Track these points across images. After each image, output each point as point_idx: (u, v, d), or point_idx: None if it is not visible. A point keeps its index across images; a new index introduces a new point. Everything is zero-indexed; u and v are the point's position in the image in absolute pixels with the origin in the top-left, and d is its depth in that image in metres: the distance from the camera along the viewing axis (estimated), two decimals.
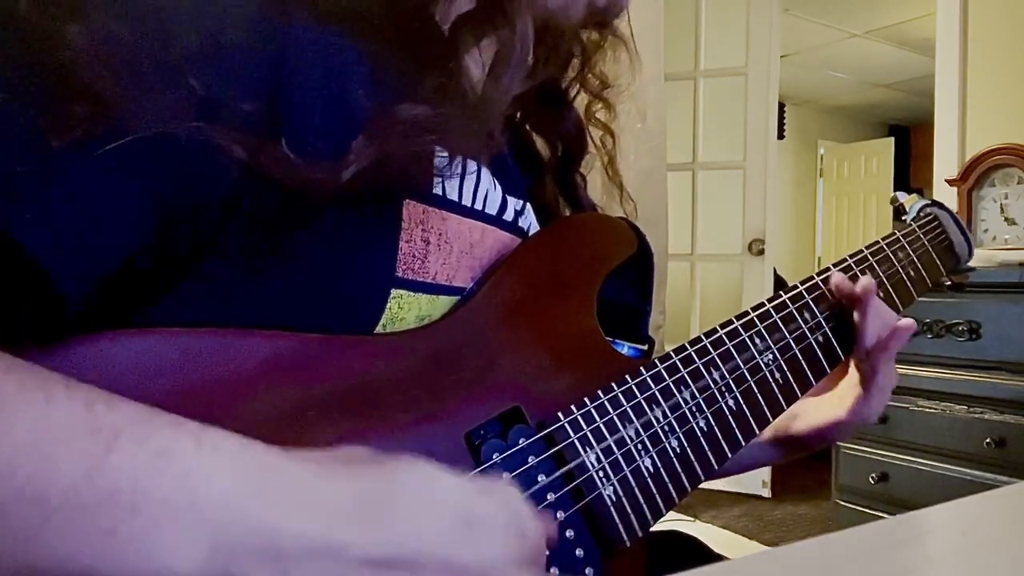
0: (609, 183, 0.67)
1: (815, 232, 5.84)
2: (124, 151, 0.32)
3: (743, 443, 0.53)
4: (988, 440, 1.63)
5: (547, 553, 0.38)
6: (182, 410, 0.31)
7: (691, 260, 3.11)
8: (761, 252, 2.99)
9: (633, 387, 0.49)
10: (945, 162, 2.25)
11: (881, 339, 0.61)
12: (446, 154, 0.43)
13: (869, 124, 6.04)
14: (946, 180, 2.05)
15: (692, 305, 3.10)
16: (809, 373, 0.58)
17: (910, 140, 5.83)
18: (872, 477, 1.86)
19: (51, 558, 0.26)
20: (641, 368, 0.50)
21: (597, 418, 0.46)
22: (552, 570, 0.41)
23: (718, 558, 0.61)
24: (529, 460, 0.43)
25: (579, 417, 0.46)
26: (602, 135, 0.66)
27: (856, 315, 0.61)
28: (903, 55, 4.50)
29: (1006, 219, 1.89)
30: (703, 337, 0.53)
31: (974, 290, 1.68)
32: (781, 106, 5.00)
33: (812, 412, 0.66)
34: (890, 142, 5.71)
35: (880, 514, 1.84)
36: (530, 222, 0.56)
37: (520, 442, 0.43)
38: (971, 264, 0.79)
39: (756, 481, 2.93)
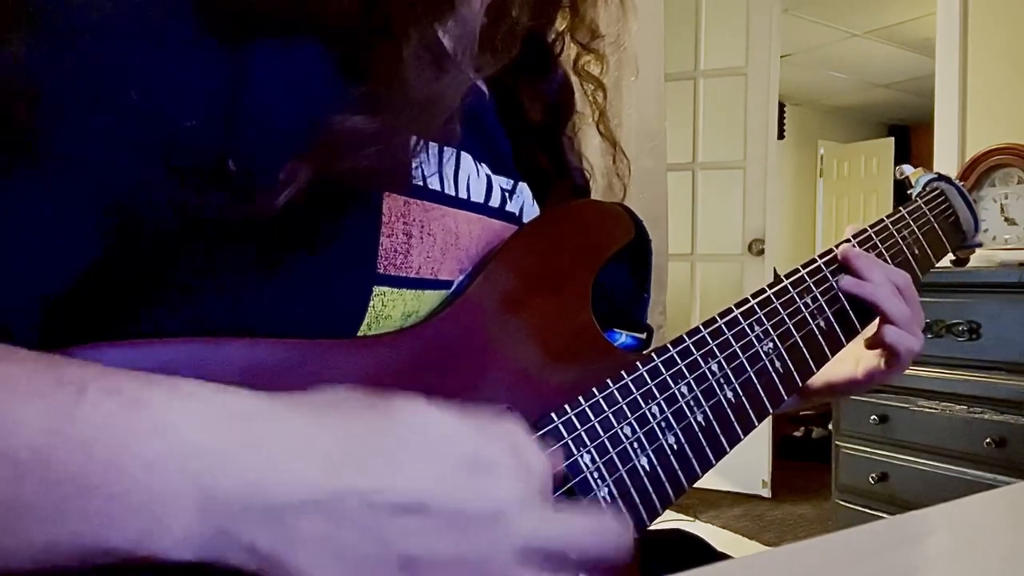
0: (602, 141, 0.65)
1: (815, 232, 5.84)
2: (54, 176, 0.31)
3: (742, 436, 0.52)
4: (988, 440, 1.63)
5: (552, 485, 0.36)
6: None
7: (691, 260, 3.11)
8: (761, 252, 2.99)
9: (629, 383, 0.47)
10: (945, 162, 2.25)
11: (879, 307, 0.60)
12: (420, 143, 0.41)
13: (869, 124, 6.04)
14: None
15: (692, 305, 3.10)
16: (811, 360, 0.57)
17: (910, 140, 5.82)
18: (872, 477, 1.86)
19: (32, 520, 0.25)
20: (637, 363, 0.48)
21: (592, 417, 0.45)
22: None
23: (721, 556, 0.61)
24: None
25: (573, 417, 0.45)
26: (593, 89, 0.64)
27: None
28: (903, 55, 4.50)
29: (1006, 219, 1.89)
30: (701, 328, 0.52)
31: (974, 290, 1.68)
32: (781, 106, 5.00)
33: (851, 363, 0.66)
34: (890, 142, 5.71)
35: (880, 514, 1.84)
36: (522, 202, 0.54)
37: None
38: (977, 240, 0.76)
39: (756, 481, 2.92)
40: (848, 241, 0.63)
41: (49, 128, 0.31)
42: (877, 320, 0.62)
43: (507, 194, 0.52)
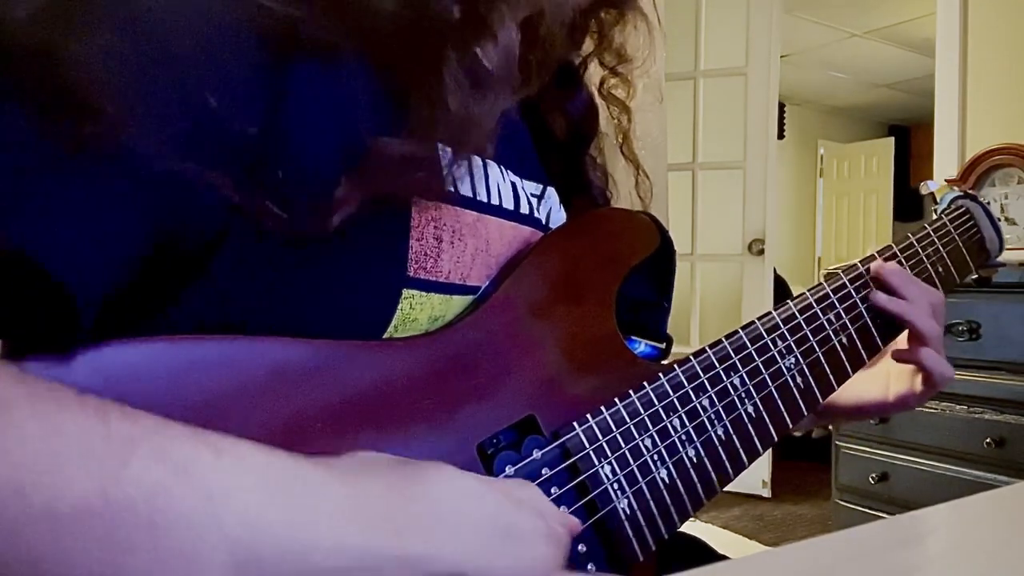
0: (625, 162, 0.65)
1: (815, 232, 5.84)
2: (125, 175, 0.32)
3: (761, 451, 0.52)
4: (988, 440, 1.63)
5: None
6: (190, 420, 0.30)
7: (691, 260, 3.11)
8: (761, 252, 2.99)
9: (651, 394, 0.47)
10: (945, 162, 2.25)
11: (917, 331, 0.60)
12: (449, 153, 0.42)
13: (869, 124, 6.04)
14: (946, 180, 2.05)
15: (692, 305, 3.10)
16: (832, 377, 0.57)
17: (910, 140, 5.82)
18: (872, 477, 1.86)
19: None
20: (659, 374, 0.48)
21: (613, 427, 0.45)
22: None
23: (720, 558, 0.61)
24: (543, 472, 0.42)
25: (595, 427, 0.44)
26: (619, 112, 0.64)
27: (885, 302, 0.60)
28: (903, 55, 4.50)
29: (1006, 219, 1.89)
30: (724, 340, 0.52)
31: (974, 290, 1.68)
32: (781, 106, 5.00)
33: (855, 387, 0.64)
34: (890, 142, 5.71)
35: (880, 514, 1.84)
36: (550, 207, 0.54)
37: (534, 453, 0.42)
38: (1000, 260, 0.75)
39: (756, 481, 2.92)
40: (874, 258, 0.63)
41: (120, 126, 0.31)
42: (903, 339, 0.62)
43: (535, 199, 0.52)
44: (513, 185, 0.50)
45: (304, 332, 0.37)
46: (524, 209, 0.50)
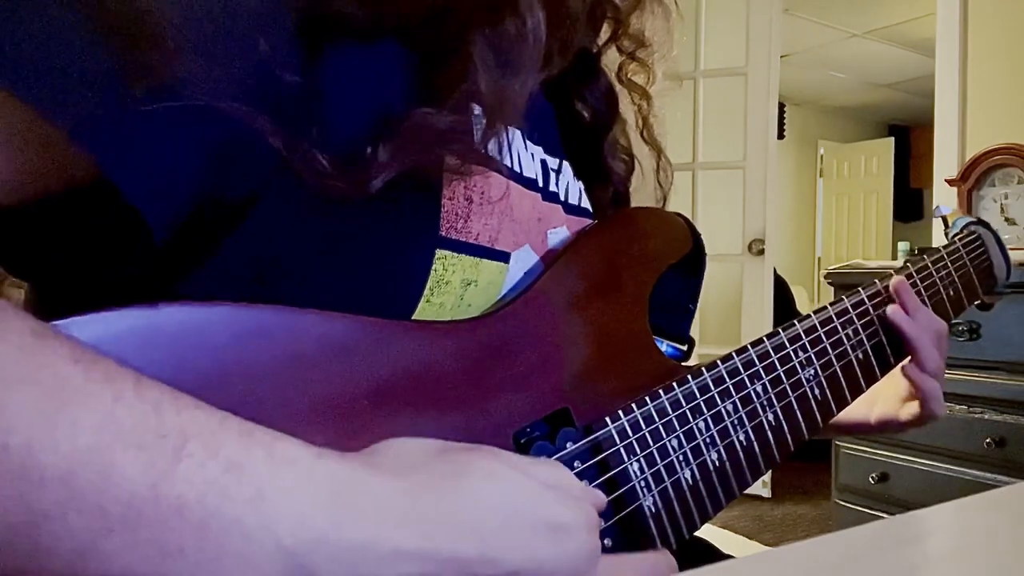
0: (648, 148, 0.66)
1: (815, 232, 5.84)
2: (187, 110, 0.32)
3: (778, 459, 0.52)
4: (988, 440, 1.63)
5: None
6: (231, 392, 0.30)
7: None
8: (761, 252, 2.99)
9: (680, 396, 0.48)
10: (945, 162, 2.25)
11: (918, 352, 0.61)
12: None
13: (869, 124, 6.04)
14: (946, 180, 2.05)
15: None
16: (847, 390, 0.58)
17: (910, 140, 5.83)
18: (872, 477, 1.86)
19: (108, 574, 0.24)
20: (688, 376, 0.49)
21: (643, 425, 0.46)
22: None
23: (724, 557, 0.61)
24: (575, 465, 0.43)
25: (626, 424, 0.45)
26: (639, 98, 0.64)
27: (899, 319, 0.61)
28: (903, 55, 4.50)
29: (1006, 219, 1.89)
30: (749, 348, 0.53)
31: None
32: (781, 106, 5.00)
33: (865, 404, 0.65)
34: (890, 142, 5.71)
35: (880, 514, 1.84)
36: (567, 182, 0.55)
37: (568, 446, 0.43)
38: (1005, 288, 0.77)
39: (756, 481, 2.92)
40: (892, 276, 0.64)
41: (180, 58, 0.32)
42: (906, 363, 0.63)
43: (554, 173, 0.52)
44: (533, 156, 0.50)
45: (342, 293, 0.37)
46: (541, 181, 0.50)
